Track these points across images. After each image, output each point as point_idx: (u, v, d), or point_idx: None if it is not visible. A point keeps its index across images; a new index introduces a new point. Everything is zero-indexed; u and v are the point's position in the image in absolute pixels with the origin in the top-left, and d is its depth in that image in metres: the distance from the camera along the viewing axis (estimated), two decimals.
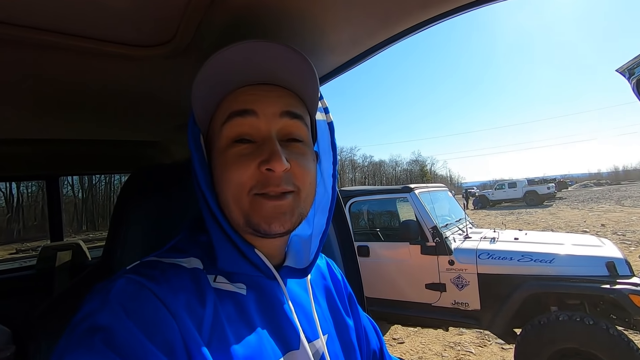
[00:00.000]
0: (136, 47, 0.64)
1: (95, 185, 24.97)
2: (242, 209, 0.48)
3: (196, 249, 0.51)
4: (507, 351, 3.49)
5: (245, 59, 0.47)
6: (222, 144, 0.49)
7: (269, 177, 0.47)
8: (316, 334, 0.54)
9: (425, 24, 0.66)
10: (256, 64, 0.48)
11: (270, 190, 0.47)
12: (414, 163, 76.44)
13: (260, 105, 0.49)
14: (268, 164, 0.46)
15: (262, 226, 0.47)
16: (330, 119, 0.62)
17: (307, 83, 0.52)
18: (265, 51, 0.47)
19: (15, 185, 20.87)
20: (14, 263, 2.24)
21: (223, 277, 0.50)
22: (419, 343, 3.98)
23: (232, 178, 0.47)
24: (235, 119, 0.48)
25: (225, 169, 0.48)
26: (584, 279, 2.63)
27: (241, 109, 0.48)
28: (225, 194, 0.49)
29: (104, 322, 0.37)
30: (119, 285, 0.41)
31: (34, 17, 0.51)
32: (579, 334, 2.45)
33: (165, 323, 0.40)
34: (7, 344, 1.48)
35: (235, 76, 0.49)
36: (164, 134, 1.38)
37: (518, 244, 3.16)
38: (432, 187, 4.12)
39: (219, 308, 0.46)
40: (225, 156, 0.48)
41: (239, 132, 0.48)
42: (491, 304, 2.97)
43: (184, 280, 0.46)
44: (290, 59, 0.49)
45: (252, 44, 0.47)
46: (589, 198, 25.00)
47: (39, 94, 0.83)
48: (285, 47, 0.48)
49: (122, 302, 0.39)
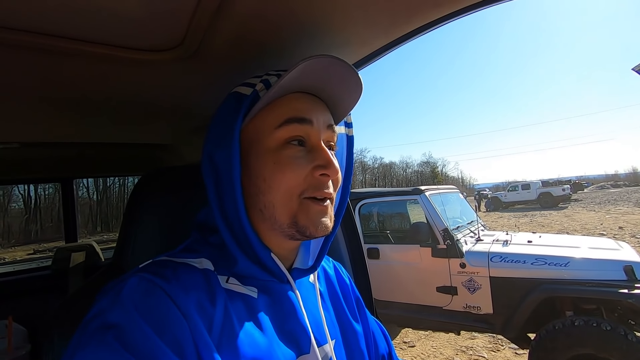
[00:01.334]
0: (146, 52, 0.65)
1: (110, 187, 25.50)
2: (291, 210, 0.49)
3: (207, 250, 0.52)
4: (521, 356, 3.42)
5: (317, 72, 0.49)
6: (273, 144, 0.50)
7: (321, 182, 0.50)
8: (325, 339, 0.54)
9: (435, 23, 0.66)
10: (325, 78, 0.51)
11: (320, 194, 0.50)
12: (425, 165, 75.86)
13: (315, 115, 0.51)
14: (325, 169, 0.49)
15: (310, 229, 0.49)
16: (352, 133, 0.65)
17: (350, 103, 0.57)
18: (332, 67, 0.50)
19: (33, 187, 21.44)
20: (32, 263, 2.29)
21: (235, 279, 0.50)
22: (430, 347, 3.93)
23: (286, 179, 0.48)
24: (293, 125, 0.50)
25: (278, 169, 0.49)
26: (601, 283, 2.56)
27: (300, 117, 0.50)
28: (273, 194, 0.49)
29: (116, 319, 0.38)
30: (130, 283, 0.42)
31: (49, 24, 0.52)
32: (595, 339, 2.39)
33: (176, 322, 0.40)
34: (23, 342, 1.52)
35: (295, 83, 0.50)
36: (175, 136, 1.40)
37: (531, 247, 3.09)
38: (443, 189, 4.07)
39: (230, 308, 0.46)
40: (278, 156, 0.49)
41: (295, 135, 0.50)
42: (504, 308, 2.92)
43: (195, 280, 0.46)
44: (351, 81, 0.52)
45: (326, 58, 0.48)
46: (606, 200, 24.38)
47: (53, 98, 0.85)
48: (350, 68, 0.51)
49: (133, 300, 0.40)
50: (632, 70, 1.72)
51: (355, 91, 0.55)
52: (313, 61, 0.47)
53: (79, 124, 1.12)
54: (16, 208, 22.94)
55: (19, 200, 23.08)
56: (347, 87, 0.54)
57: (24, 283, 1.85)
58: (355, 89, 0.54)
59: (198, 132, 1.26)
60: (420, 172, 74.32)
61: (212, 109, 1.05)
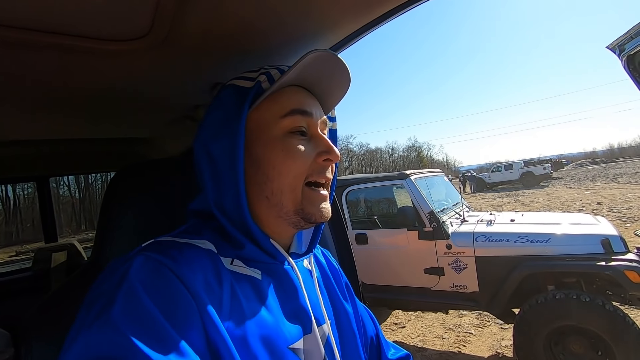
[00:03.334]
0: (114, 42, 0.62)
1: (92, 184, 24.88)
2: (297, 198, 0.52)
3: (208, 233, 0.52)
4: (506, 331, 3.55)
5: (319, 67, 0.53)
6: (279, 133, 0.52)
7: (324, 167, 0.54)
8: (323, 319, 0.56)
9: (410, 3, 0.65)
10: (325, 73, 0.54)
11: (322, 178, 0.54)
12: (411, 149, 76.58)
13: (314, 108, 0.55)
14: (329, 154, 0.53)
15: (315, 216, 0.53)
16: (335, 127, 0.67)
17: (338, 99, 0.61)
18: (330, 63, 0.53)
19: (11, 187, 20.75)
20: (13, 265, 2.23)
21: (240, 261, 0.50)
22: (420, 327, 4.04)
23: (296, 165, 0.51)
24: (296, 116, 0.52)
25: (289, 157, 0.51)
26: (580, 258, 2.66)
27: (303, 109, 0.53)
28: (282, 180, 0.51)
29: (122, 299, 0.37)
30: (137, 262, 0.41)
31: (8, 14, 0.49)
32: (576, 311, 2.49)
33: (185, 302, 0.40)
34: (6, 346, 1.48)
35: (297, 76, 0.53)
36: (153, 129, 1.36)
37: (514, 226, 3.18)
38: (428, 173, 4.12)
39: (236, 288, 0.46)
40: (286, 144, 0.51)
41: (298, 125, 0.53)
42: (489, 286, 3.01)
43: (201, 259, 0.46)
44: (344, 78, 0.57)
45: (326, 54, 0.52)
46: (585, 177, 25.17)
47: (23, 94, 0.81)
48: (344, 65, 0.54)
49: (141, 279, 0.39)
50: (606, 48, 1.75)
51: (344, 86, 0.58)
52: (315, 55, 0.50)
53: (51, 120, 1.08)
54: None
55: None
56: (338, 82, 0.57)
57: (5, 285, 1.80)
58: (344, 84, 0.58)
59: (176, 124, 1.22)
60: (406, 157, 75.06)
61: (188, 100, 1.03)
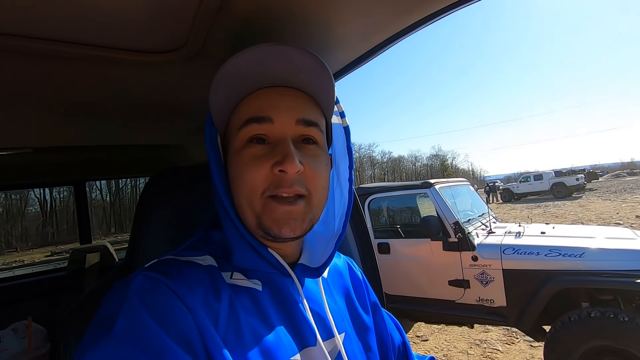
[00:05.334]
0: (150, 54, 0.65)
1: (122, 188, 25.90)
2: (255, 211, 0.48)
3: (210, 248, 0.53)
4: (536, 349, 3.38)
5: (260, 63, 0.48)
6: (237, 145, 0.50)
7: (281, 179, 0.47)
8: (331, 332, 0.54)
9: (438, 14, 0.64)
10: (271, 68, 0.49)
11: (283, 191, 0.47)
12: (434, 158, 75.10)
13: (276, 112, 0.49)
14: (281, 165, 0.46)
15: (273, 229, 0.48)
16: (347, 123, 0.63)
17: (323, 86, 0.52)
18: (279, 54, 0.48)
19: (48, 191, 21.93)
20: (49, 265, 2.35)
21: (240, 274, 0.51)
22: (444, 340, 3.92)
23: (246, 179, 0.48)
24: (252, 125, 0.49)
25: (240, 171, 0.49)
26: (618, 274, 2.51)
27: (258, 116, 0.49)
28: (239, 196, 0.50)
29: (124, 317, 0.38)
30: (136, 282, 0.43)
31: (53, 29, 0.53)
32: (612, 330, 2.35)
33: (182, 316, 0.41)
34: (43, 342, 1.56)
35: (251, 79, 0.49)
36: (183, 137, 1.41)
37: (545, 238, 3.04)
38: (453, 182, 4.03)
39: (235, 301, 0.47)
40: (240, 157, 0.49)
41: (254, 134, 0.49)
42: (518, 301, 2.88)
43: (200, 277, 0.47)
44: (306, 62, 0.49)
45: (266, 47, 0.47)
46: (622, 189, 23.84)
47: (63, 103, 0.87)
48: (301, 50, 0.48)
49: (140, 296, 0.41)
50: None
51: (323, 76, 0.51)
52: (249, 52, 0.47)
53: (89, 127, 1.14)
54: (33, 211, 23.52)
55: (35, 204, 23.65)
56: (312, 74, 0.50)
57: (42, 284, 1.90)
58: (321, 71, 0.50)
59: (203, 132, 1.26)
60: (430, 166, 73.64)
61: None
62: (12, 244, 20.50)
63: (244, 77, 0.49)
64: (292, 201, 0.48)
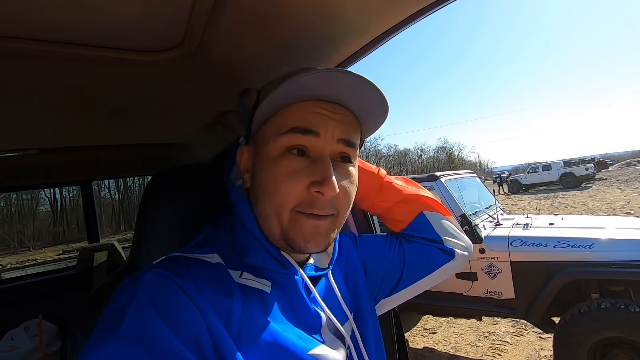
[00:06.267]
0: (148, 53, 0.65)
1: (130, 187, 26.19)
2: (282, 223, 0.48)
3: (218, 246, 0.52)
4: (546, 340, 3.36)
5: (321, 85, 0.47)
6: (274, 152, 0.49)
7: (316, 200, 0.47)
8: (345, 316, 0.56)
9: (439, 4, 0.63)
10: (330, 87, 0.47)
11: (315, 211, 0.47)
12: (441, 150, 74.69)
13: (324, 128, 0.48)
14: (320, 187, 0.45)
15: (299, 243, 0.48)
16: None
17: (373, 115, 0.53)
18: (347, 79, 0.46)
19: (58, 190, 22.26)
20: (60, 264, 2.39)
21: (249, 273, 0.50)
22: (452, 333, 3.92)
23: (281, 193, 0.47)
24: (296, 135, 0.48)
25: (275, 181, 0.48)
26: (629, 264, 2.47)
27: (305, 127, 0.48)
28: (266, 204, 0.49)
29: (132, 315, 0.38)
30: (146, 279, 0.42)
31: (53, 31, 0.53)
32: (623, 322, 2.32)
33: (192, 317, 0.40)
34: (54, 340, 1.59)
35: (306, 92, 0.48)
36: (187, 135, 1.41)
37: (553, 230, 3.01)
38: (459, 174, 3.99)
39: (247, 303, 0.46)
40: (277, 166, 0.48)
41: (296, 144, 0.48)
42: (526, 293, 2.86)
43: (209, 274, 0.46)
44: (364, 91, 0.48)
45: (332, 73, 0.46)
46: (633, 177, 23.44)
47: (67, 104, 0.87)
48: (365, 80, 0.46)
49: (150, 294, 0.40)
50: None
51: (380, 104, 0.50)
52: (311, 76, 0.44)
53: (93, 128, 1.15)
54: (43, 211, 23.94)
55: (45, 204, 24.06)
56: (368, 100, 0.49)
57: (52, 283, 1.93)
58: (377, 100, 0.49)
59: (207, 130, 1.26)
60: (436, 158, 73.29)
61: (219, 107, 1.06)
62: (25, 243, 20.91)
63: (300, 92, 0.48)
64: (320, 217, 0.48)
